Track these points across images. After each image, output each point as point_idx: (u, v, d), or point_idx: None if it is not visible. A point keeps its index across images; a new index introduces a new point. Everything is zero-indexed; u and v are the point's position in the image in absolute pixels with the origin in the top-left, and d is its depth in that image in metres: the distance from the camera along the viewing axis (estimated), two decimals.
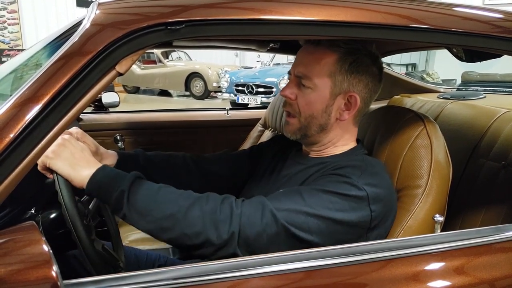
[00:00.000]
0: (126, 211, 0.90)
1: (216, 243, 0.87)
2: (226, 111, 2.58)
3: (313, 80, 1.03)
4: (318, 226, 0.90)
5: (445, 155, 1.06)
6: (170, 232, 0.89)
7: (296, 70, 1.07)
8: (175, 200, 0.91)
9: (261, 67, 9.98)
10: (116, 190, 0.91)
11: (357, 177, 0.95)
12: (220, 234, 0.87)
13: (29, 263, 0.64)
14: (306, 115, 1.06)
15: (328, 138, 1.09)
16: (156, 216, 0.90)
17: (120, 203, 0.90)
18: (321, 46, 1.04)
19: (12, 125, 0.69)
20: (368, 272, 0.82)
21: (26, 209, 1.13)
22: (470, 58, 1.23)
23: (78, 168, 0.93)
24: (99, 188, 0.92)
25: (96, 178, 0.92)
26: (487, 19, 1.02)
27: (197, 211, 0.89)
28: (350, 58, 1.04)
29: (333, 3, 0.89)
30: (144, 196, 0.91)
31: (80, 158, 0.95)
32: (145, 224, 0.91)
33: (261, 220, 0.89)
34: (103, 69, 0.75)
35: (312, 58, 1.05)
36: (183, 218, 0.89)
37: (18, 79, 1.16)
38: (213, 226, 0.88)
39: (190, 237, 0.88)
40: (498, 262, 0.88)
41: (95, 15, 0.78)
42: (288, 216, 0.90)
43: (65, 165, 0.93)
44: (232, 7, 0.83)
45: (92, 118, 2.28)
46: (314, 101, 1.05)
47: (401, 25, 0.92)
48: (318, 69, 1.03)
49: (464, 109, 1.59)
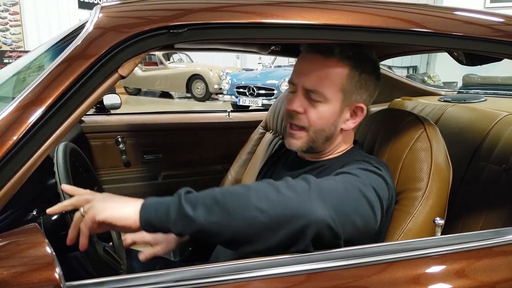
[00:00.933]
0: (200, 219, 0.79)
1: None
2: (227, 113, 2.58)
3: (325, 94, 1.01)
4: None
5: (445, 158, 1.06)
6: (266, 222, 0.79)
7: (305, 83, 1.02)
8: (246, 191, 0.82)
9: (263, 69, 9.98)
10: (174, 201, 0.82)
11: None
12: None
13: (32, 265, 0.65)
14: (316, 129, 1.03)
15: (331, 146, 1.09)
16: (242, 205, 0.79)
17: (182, 211, 0.80)
18: (332, 58, 1.00)
19: (15, 128, 0.70)
20: (369, 275, 0.82)
21: (27, 211, 1.13)
22: (471, 62, 1.23)
23: (121, 207, 0.84)
24: (155, 212, 0.82)
25: (147, 205, 0.84)
26: (488, 23, 1.02)
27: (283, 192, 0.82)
28: (359, 69, 1.03)
29: (334, 7, 0.90)
30: (206, 195, 0.82)
31: (116, 200, 0.87)
32: (232, 223, 0.79)
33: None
34: (106, 72, 0.76)
35: (323, 71, 1.01)
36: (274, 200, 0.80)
37: (22, 82, 1.17)
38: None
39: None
40: (499, 265, 0.88)
41: (98, 19, 0.79)
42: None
43: (112, 209, 0.83)
44: (234, 11, 0.84)
45: (93, 120, 2.29)
46: (326, 115, 1.02)
47: (402, 29, 0.93)
48: (329, 83, 1.01)
49: (465, 112, 1.59)
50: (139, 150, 2.33)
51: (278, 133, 2.03)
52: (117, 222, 0.82)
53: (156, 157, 2.37)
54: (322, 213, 0.80)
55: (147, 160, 2.35)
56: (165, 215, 0.81)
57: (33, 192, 1.17)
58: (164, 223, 0.81)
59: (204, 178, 2.44)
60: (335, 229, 0.81)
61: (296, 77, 1.04)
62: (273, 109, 2.14)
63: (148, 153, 2.35)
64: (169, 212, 0.81)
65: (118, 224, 0.83)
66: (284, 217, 0.79)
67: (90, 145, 2.22)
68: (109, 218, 0.82)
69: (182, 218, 0.80)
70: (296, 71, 1.05)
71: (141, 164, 2.34)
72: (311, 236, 0.80)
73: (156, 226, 0.83)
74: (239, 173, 2.17)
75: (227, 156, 2.42)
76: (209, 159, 2.49)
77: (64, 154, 1.11)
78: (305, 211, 0.79)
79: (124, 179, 2.29)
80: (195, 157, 2.46)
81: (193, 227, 0.80)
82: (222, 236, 0.80)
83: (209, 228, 0.80)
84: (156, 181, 2.35)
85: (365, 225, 0.88)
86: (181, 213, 0.80)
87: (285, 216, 0.79)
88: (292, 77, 1.06)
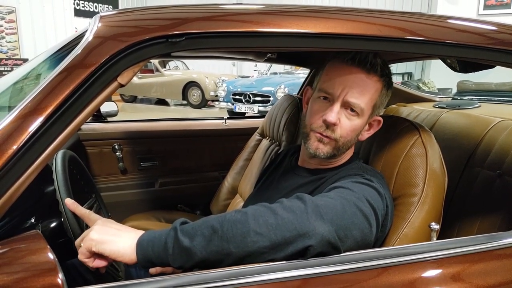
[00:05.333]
0: (200, 250, 0.79)
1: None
2: (224, 120, 2.59)
3: (363, 108, 1.02)
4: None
5: (440, 163, 1.08)
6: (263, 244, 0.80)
7: (349, 96, 1.00)
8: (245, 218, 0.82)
9: (258, 76, 10.02)
10: (171, 235, 0.82)
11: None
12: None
13: (35, 271, 0.65)
14: (346, 140, 1.04)
15: (344, 154, 1.10)
16: (241, 232, 0.80)
17: (180, 245, 0.80)
18: (375, 76, 1.02)
19: (16, 137, 0.71)
20: (365, 279, 0.83)
21: (26, 218, 1.14)
22: (464, 69, 1.25)
23: (117, 242, 0.83)
24: (152, 248, 0.81)
25: (143, 241, 0.83)
26: (481, 31, 1.04)
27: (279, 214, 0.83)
28: (387, 87, 1.06)
29: (330, 16, 0.92)
30: (203, 225, 0.82)
31: (112, 232, 0.84)
32: (233, 251, 0.79)
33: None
34: (105, 81, 0.77)
35: (366, 87, 1.02)
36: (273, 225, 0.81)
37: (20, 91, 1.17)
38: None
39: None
40: (494, 269, 0.89)
41: (98, 28, 0.80)
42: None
43: (107, 243, 0.82)
44: (231, 20, 0.85)
45: (91, 127, 2.29)
46: (357, 128, 1.04)
47: (396, 37, 0.94)
48: (369, 99, 1.03)
49: (460, 118, 1.61)
50: (136, 157, 2.34)
51: (275, 139, 2.04)
52: (113, 257, 0.83)
53: (153, 164, 2.38)
54: (321, 230, 0.81)
55: (144, 167, 2.36)
56: (163, 250, 0.81)
57: (31, 199, 1.17)
58: (163, 259, 0.81)
59: (201, 185, 2.45)
60: (335, 244, 0.83)
61: (336, 88, 1.01)
62: (270, 116, 2.15)
63: (145, 160, 2.36)
64: (167, 247, 0.80)
65: (114, 259, 0.83)
66: (284, 239, 0.80)
67: (87, 152, 2.22)
68: (105, 252, 0.82)
69: (181, 252, 0.80)
70: (336, 82, 1.02)
71: (138, 171, 2.35)
72: (313, 254, 0.81)
73: (155, 262, 0.82)
74: (235, 180, 2.18)
75: (223, 163, 2.43)
76: (206, 166, 2.49)
77: (63, 161, 1.12)
78: (305, 231, 0.81)
79: (121, 187, 2.29)
80: (192, 164, 2.46)
81: (193, 260, 0.80)
82: (223, 263, 0.80)
83: (209, 258, 0.80)
84: (153, 188, 2.36)
85: (363, 238, 0.89)
86: (179, 247, 0.80)
87: (285, 238, 0.80)
88: (328, 87, 1.03)
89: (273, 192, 1.15)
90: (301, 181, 1.10)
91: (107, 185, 2.25)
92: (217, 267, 0.80)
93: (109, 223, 0.87)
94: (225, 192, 2.20)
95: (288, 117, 1.95)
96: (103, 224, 0.86)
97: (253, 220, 0.81)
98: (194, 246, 0.79)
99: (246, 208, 0.86)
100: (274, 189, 1.17)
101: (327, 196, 0.91)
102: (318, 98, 1.05)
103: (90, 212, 0.92)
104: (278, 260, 0.81)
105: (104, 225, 0.86)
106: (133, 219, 2.03)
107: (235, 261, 0.80)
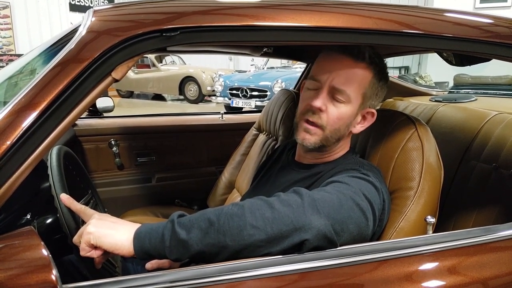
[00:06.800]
0: (196, 242, 0.80)
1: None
2: (220, 115, 2.59)
3: (349, 95, 1.02)
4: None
5: (437, 157, 1.08)
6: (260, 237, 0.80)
7: (334, 82, 1.01)
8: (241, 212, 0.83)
9: (255, 71, 9.99)
10: (168, 227, 0.82)
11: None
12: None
13: (28, 267, 0.65)
14: (332, 128, 1.04)
15: (336, 147, 1.10)
16: (238, 225, 0.80)
17: (177, 237, 0.81)
18: (362, 62, 1.02)
19: (9, 132, 0.70)
20: (362, 273, 0.83)
21: (21, 214, 1.13)
22: (460, 62, 1.25)
23: (114, 234, 0.83)
24: (149, 240, 0.82)
25: (140, 233, 0.83)
26: (477, 24, 1.04)
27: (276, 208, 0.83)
28: (379, 77, 1.06)
29: (326, 9, 0.91)
30: (199, 218, 0.82)
31: (109, 226, 0.85)
32: (229, 244, 0.80)
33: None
34: (99, 76, 0.76)
35: (352, 74, 1.02)
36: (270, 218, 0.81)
37: (14, 87, 1.17)
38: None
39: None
40: (489, 261, 0.90)
41: (91, 22, 0.79)
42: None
43: (104, 236, 0.83)
44: (226, 14, 0.84)
45: (86, 123, 2.28)
46: (345, 116, 1.03)
47: (392, 31, 0.94)
48: (356, 86, 1.02)
49: (456, 111, 1.61)
50: (133, 153, 2.33)
51: (272, 134, 2.04)
52: (110, 250, 0.83)
53: (149, 160, 2.37)
54: (317, 224, 0.81)
55: (140, 163, 2.35)
56: (160, 242, 0.81)
57: (26, 196, 1.16)
58: (160, 251, 0.82)
59: (198, 180, 2.45)
60: (332, 238, 0.83)
61: (324, 74, 1.03)
62: (266, 110, 2.15)
63: (142, 155, 2.36)
64: (164, 239, 0.81)
65: (112, 252, 0.84)
66: (280, 233, 0.80)
67: (83, 148, 2.21)
68: (103, 245, 0.82)
69: (177, 245, 0.80)
70: (323, 69, 1.04)
71: (134, 167, 2.34)
72: (309, 248, 0.82)
73: (152, 254, 0.83)
74: (233, 175, 2.18)
75: (220, 158, 2.43)
76: (203, 161, 2.49)
77: (58, 157, 1.11)
78: (301, 225, 0.81)
79: (117, 182, 2.29)
80: (189, 159, 2.46)
81: (190, 252, 0.80)
82: (220, 256, 0.81)
83: (206, 250, 0.80)
84: (150, 183, 2.35)
85: (359, 232, 0.89)
86: (176, 239, 0.80)
87: (282, 232, 0.80)
88: (316, 74, 1.05)
89: (270, 188, 1.15)
90: (298, 176, 1.10)
91: (103, 180, 2.25)
92: (213, 260, 0.80)
93: (106, 217, 0.87)
94: (222, 187, 2.20)
95: (284, 112, 1.95)
96: (100, 218, 0.86)
97: (249, 214, 0.82)
98: (190, 239, 0.80)
99: (243, 202, 0.87)
100: (272, 184, 1.17)
101: (324, 190, 0.91)
102: (307, 87, 1.07)
103: (85, 207, 0.92)
104: (274, 254, 0.81)
105: (100, 218, 0.86)
106: (130, 214, 2.03)
107: (231, 254, 0.80)
